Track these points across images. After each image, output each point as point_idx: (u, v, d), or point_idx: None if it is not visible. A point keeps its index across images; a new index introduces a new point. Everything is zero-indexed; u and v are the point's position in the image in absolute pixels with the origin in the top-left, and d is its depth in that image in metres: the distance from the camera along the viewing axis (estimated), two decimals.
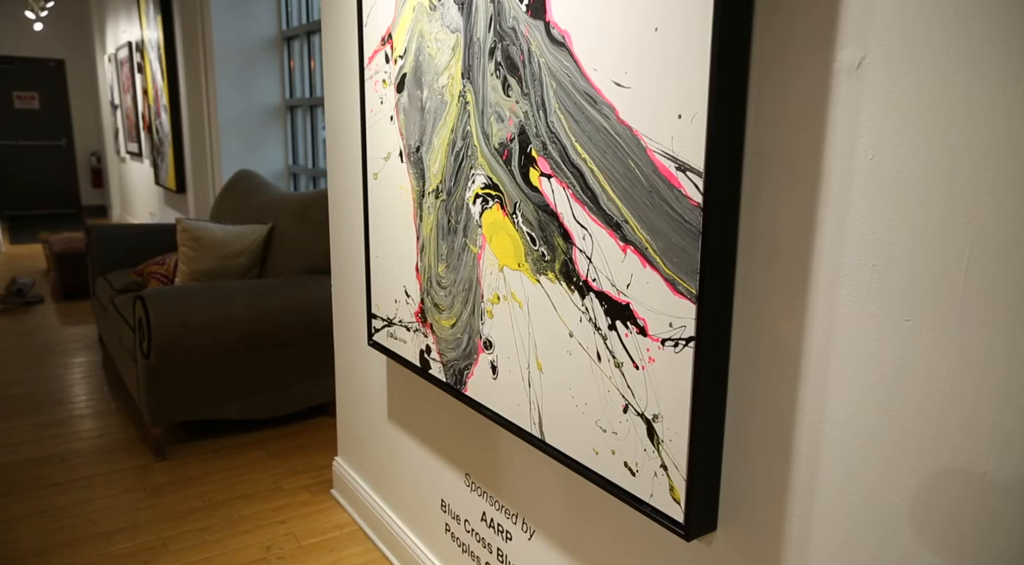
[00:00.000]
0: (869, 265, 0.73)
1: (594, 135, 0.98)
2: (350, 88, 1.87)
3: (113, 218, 8.91)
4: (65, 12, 8.80)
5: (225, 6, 4.13)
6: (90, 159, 9.75)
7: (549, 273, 1.11)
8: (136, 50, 6.13)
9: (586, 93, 0.99)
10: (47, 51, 9.22)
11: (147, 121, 6.04)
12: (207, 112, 4.40)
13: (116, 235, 3.69)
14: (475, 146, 1.24)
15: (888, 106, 0.70)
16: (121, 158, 7.84)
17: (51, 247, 5.11)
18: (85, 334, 4.13)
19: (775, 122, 0.81)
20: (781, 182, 0.81)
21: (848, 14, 0.73)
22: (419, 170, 1.44)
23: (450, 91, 1.30)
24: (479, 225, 1.26)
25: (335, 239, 2.09)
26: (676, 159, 0.86)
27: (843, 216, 0.75)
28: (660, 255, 0.90)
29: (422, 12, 1.36)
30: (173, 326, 2.44)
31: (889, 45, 0.70)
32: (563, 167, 1.04)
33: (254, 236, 3.01)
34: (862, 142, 0.73)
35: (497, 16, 1.15)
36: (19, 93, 9.29)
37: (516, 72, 1.12)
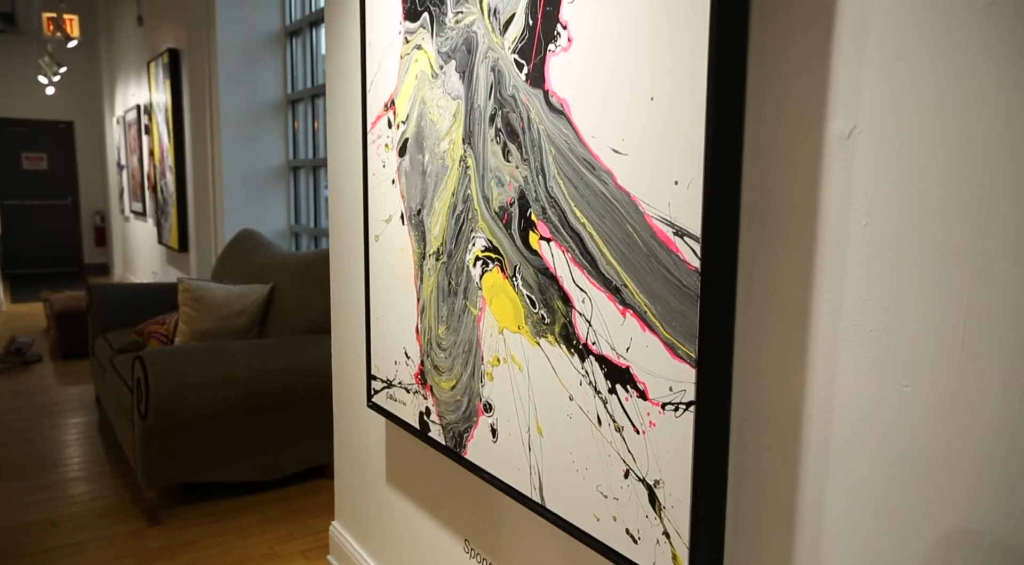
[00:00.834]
0: (867, 330, 0.74)
1: (593, 200, 1.00)
2: (353, 152, 1.91)
3: (115, 277, 8.95)
4: (76, 76, 9.04)
5: (232, 71, 4.25)
6: (94, 218, 9.86)
7: (549, 336, 1.11)
8: (144, 112, 6.27)
9: (584, 159, 1.01)
10: (57, 114, 9.43)
11: (152, 181, 6.13)
12: (212, 172, 4.47)
13: (117, 294, 3.70)
14: (476, 210, 1.26)
15: (880, 175, 0.72)
16: (125, 217, 7.93)
17: (52, 306, 5.12)
18: (82, 394, 4.10)
19: (770, 189, 0.82)
20: (778, 248, 0.82)
21: (837, 87, 0.75)
22: (420, 232, 1.45)
23: (451, 156, 1.32)
24: (479, 287, 1.27)
25: (336, 299, 2.10)
26: (673, 224, 0.87)
27: (839, 281, 0.76)
28: (659, 319, 0.91)
29: (424, 80, 1.40)
30: (172, 386, 2.42)
31: (878, 116, 0.72)
32: (562, 231, 1.06)
33: (255, 296, 3.02)
34: (855, 209, 0.74)
35: (497, 84, 1.18)
36: (28, 154, 9.46)
37: (516, 138, 1.15)
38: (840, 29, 0.74)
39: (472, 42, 1.24)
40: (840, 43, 0.74)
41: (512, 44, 1.14)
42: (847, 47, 0.74)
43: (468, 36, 1.25)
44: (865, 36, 0.72)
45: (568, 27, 1.03)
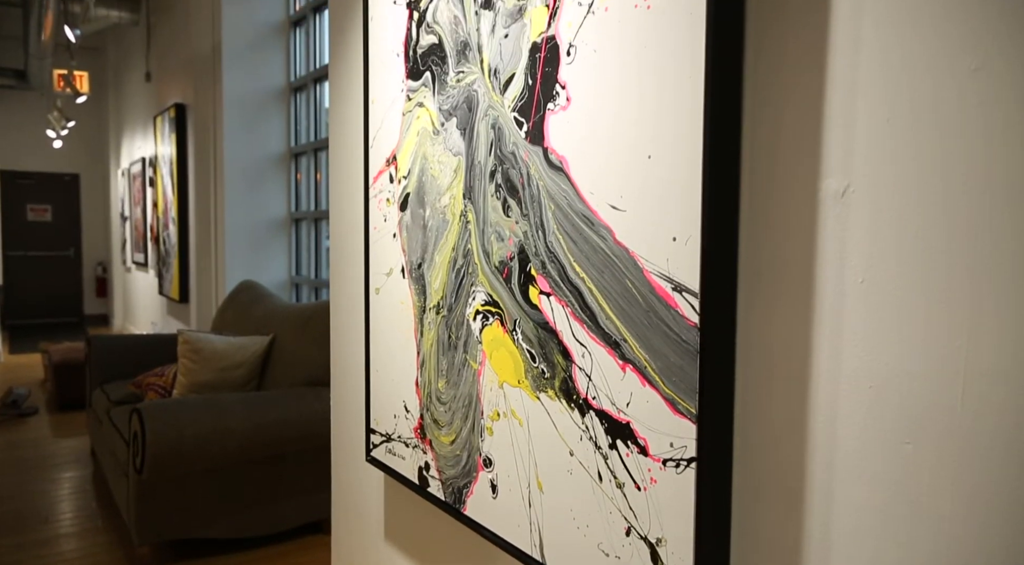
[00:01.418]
0: (866, 386, 0.74)
1: (592, 255, 1.01)
2: (355, 206, 1.93)
3: (115, 327, 8.95)
4: (84, 130, 9.19)
5: (237, 125, 4.33)
6: (96, 268, 9.91)
7: (549, 390, 1.11)
8: (149, 165, 6.36)
9: (583, 215, 1.02)
10: (63, 166, 9.57)
11: (155, 232, 6.18)
12: (214, 224, 4.51)
13: (117, 345, 3.70)
14: (476, 264, 1.27)
15: (874, 232, 0.73)
16: (127, 268, 7.96)
17: (50, 357, 5.10)
18: (77, 447, 4.05)
19: (766, 246, 0.83)
20: (776, 304, 0.83)
21: (830, 148, 0.76)
22: (420, 286, 1.46)
23: (452, 211, 1.34)
24: (479, 341, 1.27)
25: (335, 352, 2.10)
26: (672, 280, 0.88)
27: (837, 338, 0.76)
28: (659, 374, 0.91)
29: (426, 136, 1.42)
30: (169, 440, 2.40)
31: (871, 176, 0.73)
32: (562, 286, 1.06)
33: (255, 347, 3.01)
34: (851, 266, 0.75)
35: (498, 141, 1.21)
36: (33, 206, 9.56)
37: (516, 194, 1.16)
38: (831, 94, 0.76)
39: (473, 100, 1.27)
40: (831, 107, 0.76)
41: (512, 103, 1.17)
42: (838, 111, 0.76)
43: (469, 95, 1.28)
44: (855, 101, 0.74)
45: (567, 87, 1.06)
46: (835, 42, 0.76)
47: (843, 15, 0.75)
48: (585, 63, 1.02)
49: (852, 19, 0.74)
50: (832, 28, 0.76)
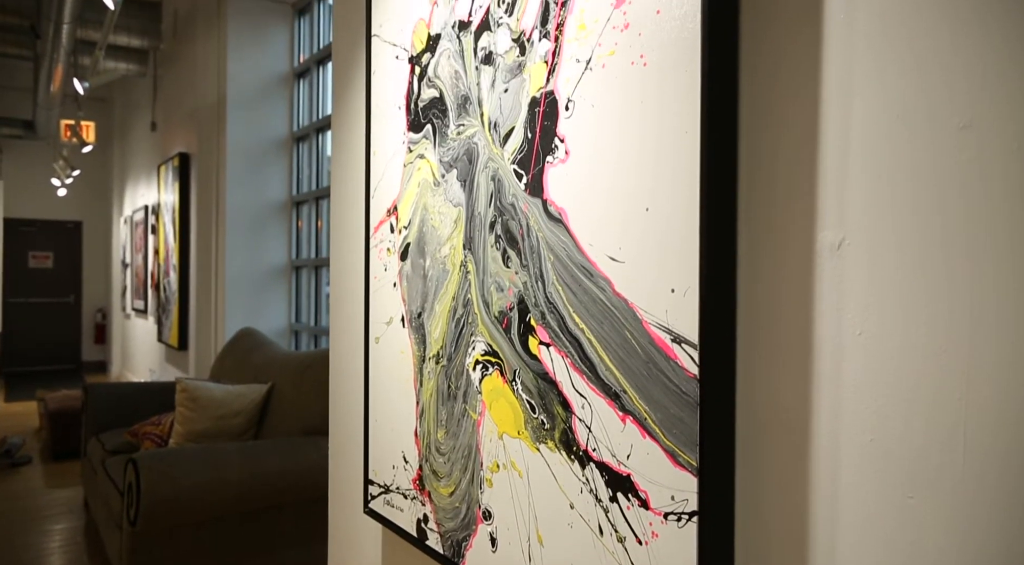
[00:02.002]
0: (867, 439, 0.74)
1: (591, 306, 1.01)
2: (355, 256, 1.94)
3: (113, 374, 8.90)
4: (88, 178, 9.30)
5: (240, 173, 4.38)
6: (95, 315, 9.90)
7: (549, 442, 1.10)
8: (152, 212, 6.42)
9: (583, 266, 1.03)
10: (67, 214, 9.64)
11: (155, 279, 6.20)
12: (215, 271, 4.53)
13: (114, 393, 3.67)
14: (475, 314, 1.28)
15: (871, 285, 0.74)
16: (126, 314, 7.96)
17: (46, 405, 5.06)
18: (70, 498, 3.99)
19: (765, 298, 0.84)
20: (775, 356, 0.83)
21: (824, 201, 0.78)
22: (420, 335, 1.46)
23: (452, 261, 1.35)
24: (479, 391, 1.27)
25: (334, 401, 2.09)
26: (671, 331, 0.89)
27: (837, 390, 0.76)
28: (659, 426, 0.90)
29: (426, 187, 1.44)
30: (164, 491, 2.37)
31: (865, 229, 0.74)
32: (561, 336, 1.07)
33: (253, 396, 3.00)
34: (848, 318, 0.75)
35: (497, 193, 1.22)
36: (35, 253, 9.61)
37: (515, 245, 1.17)
38: (824, 148, 0.78)
39: (473, 153, 1.29)
40: (825, 161, 0.78)
41: (511, 155, 1.19)
42: (832, 165, 0.77)
43: (469, 147, 1.30)
44: (848, 156, 0.76)
45: (565, 140, 1.08)
46: (827, 99, 0.78)
47: (834, 72, 0.77)
48: (583, 117, 1.04)
49: (843, 77, 0.76)
50: (824, 86, 0.78)
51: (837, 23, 0.77)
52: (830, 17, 0.77)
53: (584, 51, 1.04)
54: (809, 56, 0.79)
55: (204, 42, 4.77)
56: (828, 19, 0.78)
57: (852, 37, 0.75)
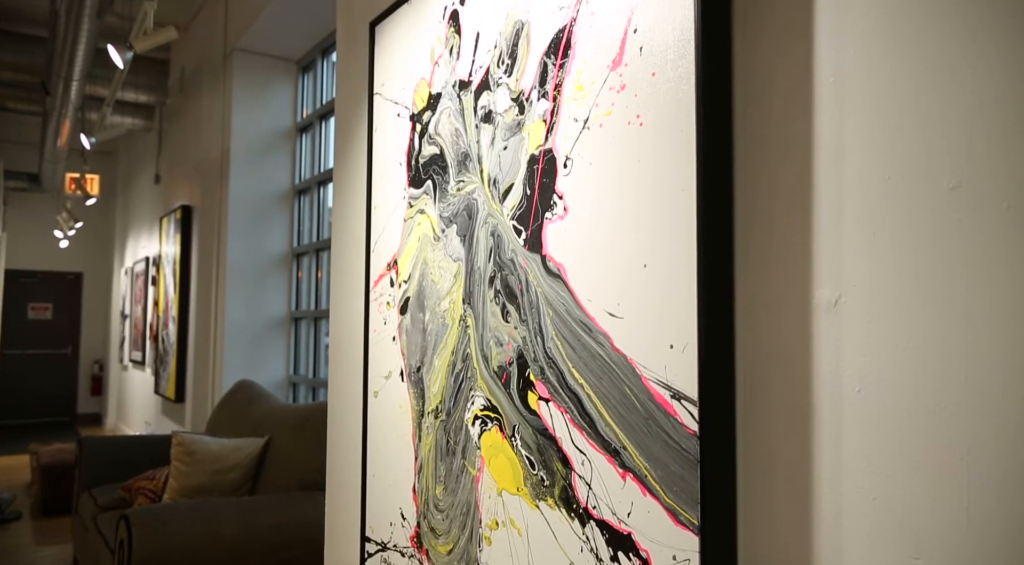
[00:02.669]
0: (870, 498, 0.73)
1: (590, 362, 1.01)
2: (355, 309, 1.95)
3: (107, 427, 8.80)
4: (90, 230, 9.36)
5: (241, 225, 4.42)
6: (92, 367, 9.84)
7: (548, 499, 1.09)
8: (153, 264, 6.45)
9: (581, 322, 1.04)
10: (68, 265, 9.68)
11: (154, 330, 6.18)
12: (214, 322, 4.52)
13: (108, 447, 3.63)
14: (475, 368, 1.28)
15: (868, 342, 0.74)
16: (123, 366, 7.92)
17: (39, 459, 4.99)
18: (59, 556, 3.90)
19: (763, 354, 0.84)
20: (775, 413, 0.83)
21: (820, 258, 0.79)
22: (419, 390, 1.46)
23: (451, 315, 1.35)
24: (478, 447, 1.26)
25: (332, 456, 2.06)
26: (670, 387, 0.88)
27: (838, 448, 0.76)
28: (660, 483, 0.89)
29: (427, 242, 1.46)
30: (156, 548, 2.32)
31: (861, 286, 0.75)
32: (561, 392, 1.06)
33: (249, 449, 2.96)
34: (847, 375, 0.75)
35: (497, 248, 1.23)
36: (34, 304, 9.61)
37: (514, 300, 1.18)
38: (817, 209, 0.79)
39: (473, 208, 1.31)
40: (818, 221, 0.79)
41: (511, 211, 1.20)
42: (826, 224, 0.78)
43: (469, 203, 1.32)
44: (841, 216, 0.77)
45: (564, 197, 1.09)
46: (819, 160, 0.79)
47: (826, 134, 0.79)
48: (581, 175, 1.06)
49: (835, 138, 0.78)
50: (816, 148, 0.80)
51: (827, 86, 0.79)
52: (821, 80, 0.80)
53: (582, 111, 1.06)
54: (801, 117, 0.81)
55: (209, 97, 4.87)
56: (819, 83, 0.80)
57: (842, 100, 0.77)
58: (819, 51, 0.80)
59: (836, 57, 0.78)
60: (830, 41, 0.79)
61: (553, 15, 1.13)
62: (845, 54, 0.77)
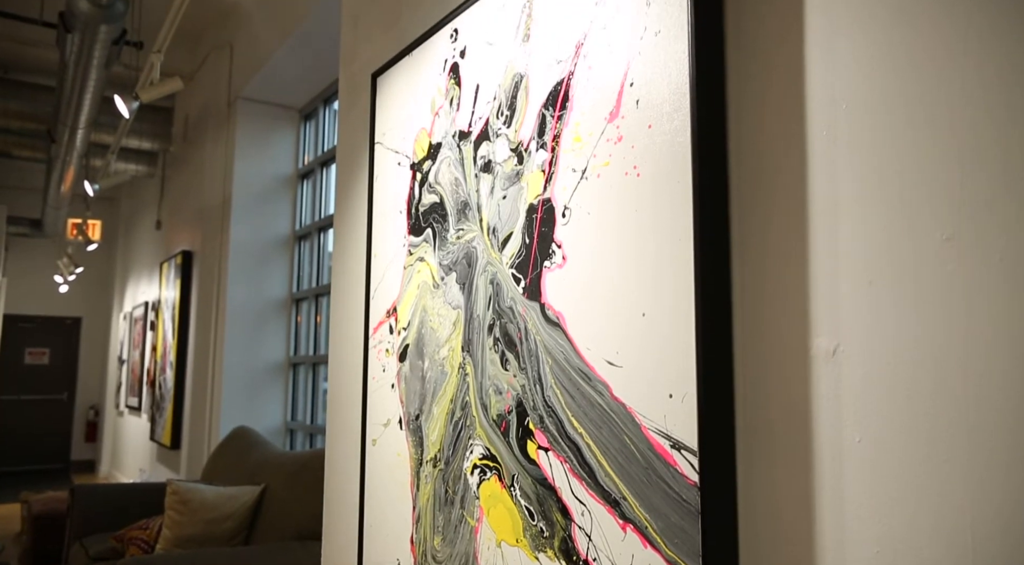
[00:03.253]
0: (873, 552, 0.72)
1: (589, 411, 1.01)
2: (354, 356, 1.94)
3: (101, 474, 8.68)
4: (90, 275, 9.37)
5: (241, 271, 4.43)
6: (88, 412, 9.75)
7: (548, 550, 1.07)
8: (152, 309, 6.44)
9: (580, 370, 1.04)
10: (67, 310, 9.67)
11: (152, 376, 6.15)
12: (212, 368, 4.51)
13: (102, 495, 3.58)
14: (474, 416, 1.27)
15: (868, 391, 0.74)
16: (119, 412, 7.85)
17: (30, 508, 4.91)
18: None
19: (763, 404, 0.84)
20: (775, 464, 0.82)
21: (817, 307, 0.79)
22: (418, 438, 1.45)
23: (450, 363, 1.35)
24: (477, 497, 1.24)
25: (328, 505, 2.03)
26: (670, 437, 0.88)
27: (839, 499, 0.75)
28: (660, 535, 0.88)
29: (426, 289, 1.46)
30: None
31: (859, 335, 0.75)
32: (560, 441, 1.06)
33: (245, 498, 2.92)
34: (847, 425, 0.75)
35: (496, 296, 1.24)
36: (31, 349, 9.57)
37: (514, 348, 1.18)
38: (814, 257, 0.80)
39: (472, 256, 1.32)
40: (816, 269, 0.80)
41: (510, 260, 1.21)
42: (823, 273, 0.79)
43: (468, 251, 1.33)
44: (837, 266, 0.78)
45: (562, 246, 1.10)
46: (815, 211, 0.80)
47: (820, 185, 0.80)
48: (580, 224, 1.07)
49: (829, 188, 0.79)
50: (811, 199, 0.81)
51: (821, 138, 0.81)
52: (814, 133, 0.81)
53: (580, 161, 1.08)
54: (796, 169, 0.83)
55: (213, 145, 4.93)
56: (812, 135, 0.81)
57: (835, 152, 0.79)
58: (811, 104, 0.82)
59: (828, 110, 0.80)
60: (821, 94, 0.81)
61: (551, 68, 1.16)
62: (837, 108, 0.79)
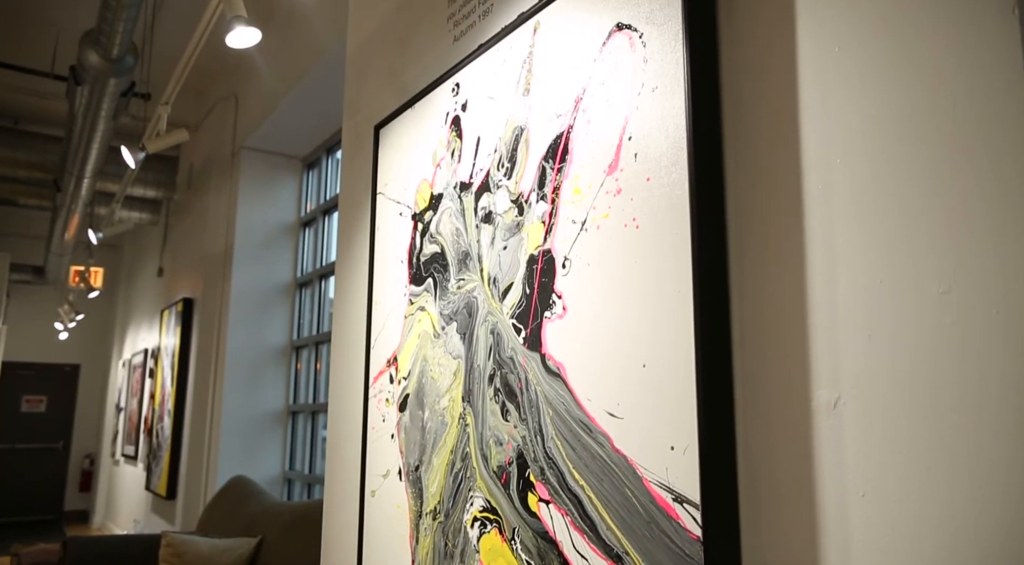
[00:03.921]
0: None
1: (591, 463, 1.00)
2: (354, 406, 1.93)
3: (94, 525, 8.53)
4: (91, 322, 9.36)
5: (242, 318, 4.43)
6: (83, 461, 9.63)
7: None
8: (151, 356, 6.42)
9: (581, 421, 1.03)
10: (65, 357, 9.62)
11: (149, 424, 6.09)
12: (210, 416, 4.47)
13: (94, 547, 3.51)
14: (474, 468, 1.26)
15: (870, 445, 0.74)
16: (115, 461, 7.76)
17: (20, 561, 4.81)
18: None
19: (764, 457, 0.84)
20: (779, 518, 0.81)
21: (817, 360, 0.79)
22: (417, 489, 1.43)
23: (451, 413, 1.35)
24: (477, 550, 1.22)
25: (326, 557, 1.99)
26: (672, 490, 0.87)
27: (845, 554, 0.74)
28: None
29: (427, 339, 1.46)
30: None
31: (859, 388, 0.75)
32: (561, 493, 1.05)
33: (241, 550, 2.87)
34: (851, 479, 0.75)
35: (496, 346, 1.24)
36: (29, 397, 9.49)
37: (514, 398, 1.18)
38: (813, 310, 0.80)
39: (473, 306, 1.32)
40: (815, 322, 0.80)
41: (510, 310, 1.22)
42: (822, 325, 0.79)
43: (469, 301, 1.34)
44: (836, 317, 0.78)
45: (563, 297, 1.11)
46: (812, 263, 0.81)
47: (818, 239, 0.81)
48: (580, 275, 1.08)
49: (825, 241, 0.80)
50: (808, 250, 0.82)
51: (816, 192, 0.82)
52: (809, 188, 0.83)
53: (579, 213, 1.10)
54: (793, 222, 0.84)
55: (216, 193, 4.99)
56: (807, 190, 0.83)
57: (830, 206, 0.80)
58: (806, 159, 0.83)
59: (823, 164, 0.81)
60: (817, 149, 0.82)
61: (551, 122, 1.18)
62: (832, 162, 0.81)
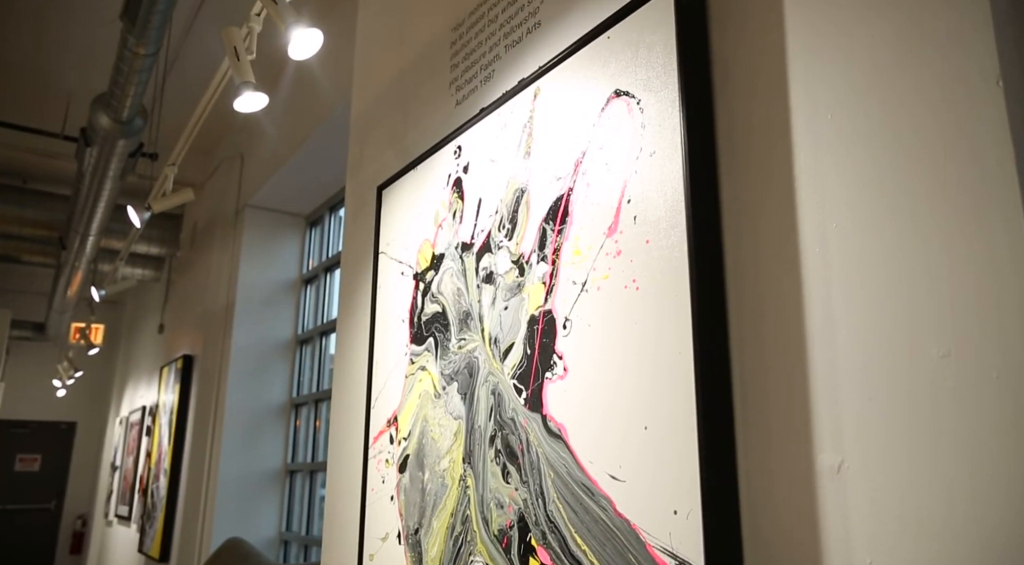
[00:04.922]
0: None
1: (593, 527, 0.98)
2: (353, 467, 1.91)
3: None
4: (89, 379, 9.30)
5: (241, 375, 4.41)
6: (75, 522, 9.43)
7: None
8: (149, 414, 6.36)
9: (583, 484, 1.02)
10: (62, 414, 9.53)
11: (144, 483, 5.99)
12: (207, 475, 4.40)
13: None
14: (475, 531, 1.24)
15: (875, 511, 0.73)
16: (108, 521, 7.60)
17: None
18: None
19: (769, 522, 0.82)
20: None
21: (820, 423, 0.79)
22: (417, 554, 1.40)
23: (451, 474, 1.33)
24: None
25: None
26: (676, 556, 0.86)
27: None
28: None
29: (427, 399, 1.46)
30: None
31: (863, 452, 0.74)
32: (563, 559, 1.03)
33: None
34: (857, 547, 0.73)
35: (497, 407, 1.23)
36: (23, 455, 9.36)
37: (515, 460, 1.17)
38: (814, 373, 0.80)
39: (474, 366, 1.32)
40: (816, 385, 0.80)
41: (511, 370, 1.22)
42: (823, 389, 0.79)
43: (470, 361, 1.34)
44: (837, 380, 0.78)
45: (563, 357, 1.11)
46: (811, 327, 0.82)
47: (816, 301, 0.82)
48: (581, 336, 1.08)
49: (824, 306, 0.81)
50: (807, 314, 0.82)
51: (814, 255, 0.83)
52: (807, 251, 0.84)
53: (580, 274, 1.11)
54: (791, 285, 0.84)
55: (219, 251, 5.02)
56: (805, 253, 0.84)
57: (829, 270, 0.81)
58: (803, 223, 0.84)
59: (819, 229, 0.83)
60: (813, 213, 0.84)
61: (551, 184, 1.20)
62: (828, 227, 0.82)
